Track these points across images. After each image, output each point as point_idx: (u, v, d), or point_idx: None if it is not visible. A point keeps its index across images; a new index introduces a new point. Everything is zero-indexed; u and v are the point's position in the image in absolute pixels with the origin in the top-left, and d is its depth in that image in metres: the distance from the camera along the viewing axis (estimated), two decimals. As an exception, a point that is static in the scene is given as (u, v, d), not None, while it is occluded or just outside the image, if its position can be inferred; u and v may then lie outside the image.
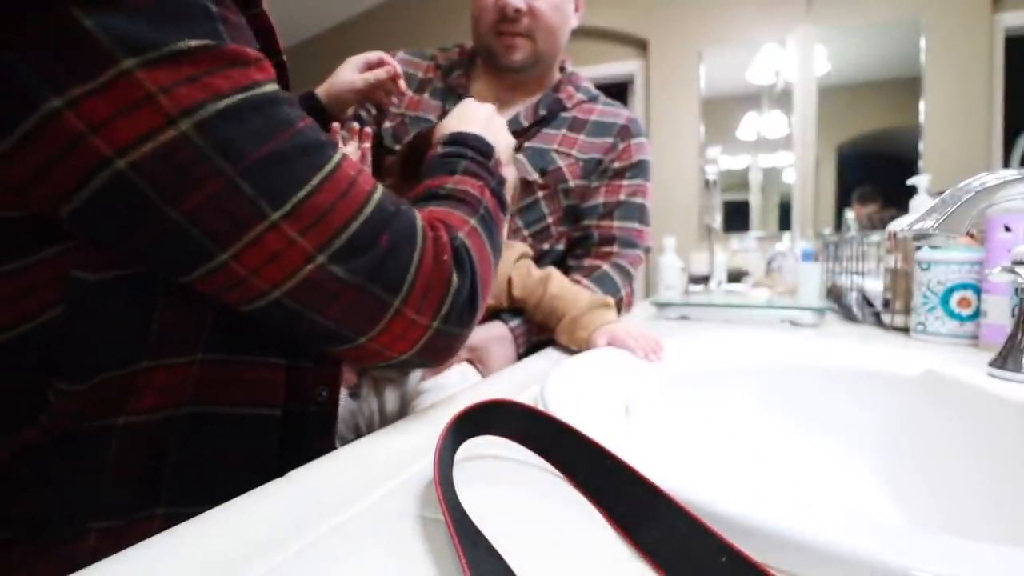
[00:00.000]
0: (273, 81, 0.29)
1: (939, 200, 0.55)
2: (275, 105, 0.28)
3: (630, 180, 0.86)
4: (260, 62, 0.28)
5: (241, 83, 0.26)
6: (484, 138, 0.49)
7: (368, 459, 0.28)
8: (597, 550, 0.20)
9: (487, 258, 0.38)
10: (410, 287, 0.31)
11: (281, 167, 0.27)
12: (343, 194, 0.29)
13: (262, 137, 0.27)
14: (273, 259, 0.27)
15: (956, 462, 0.43)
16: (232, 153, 0.26)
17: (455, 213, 0.38)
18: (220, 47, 0.26)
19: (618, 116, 0.88)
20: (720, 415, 0.54)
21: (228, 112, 0.26)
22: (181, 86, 0.24)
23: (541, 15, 0.79)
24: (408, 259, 0.31)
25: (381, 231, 0.30)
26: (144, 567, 0.18)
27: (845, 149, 2.61)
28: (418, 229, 0.33)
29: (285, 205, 0.27)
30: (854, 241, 0.89)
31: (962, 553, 0.17)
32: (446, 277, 0.33)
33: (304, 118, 0.30)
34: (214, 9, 0.27)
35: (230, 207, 0.26)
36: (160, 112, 0.24)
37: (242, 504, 0.22)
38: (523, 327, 0.68)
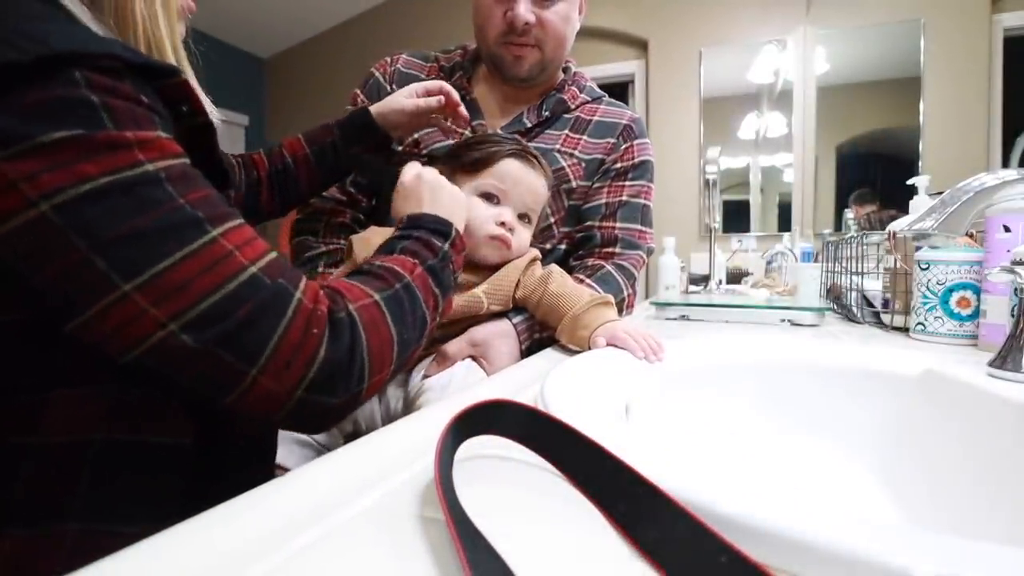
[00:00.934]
0: (165, 158, 0.31)
1: (938, 200, 0.55)
2: (150, 185, 0.30)
3: (632, 181, 0.86)
4: (146, 144, 0.31)
5: (113, 166, 0.29)
6: (439, 216, 0.51)
7: (368, 459, 0.28)
8: (597, 550, 0.20)
9: (383, 331, 0.38)
10: (269, 357, 0.32)
11: (140, 243, 0.29)
12: (207, 268, 0.31)
13: (124, 216, 0.29)
14: (126, 324, 0.30)
15: (955, 462, 0.43)
16: (89, 231, 0.28)
17: (359, 287, 0.39)
18: (92, 135, 0.29)
19: (621, 116, 0.88)
20: (720, 415, 0.54)
21: (90, 194, 0.28)
22: (45, 172, 0.27)
23: (550, 25, 0.79)
24: (270, 330, 0.32)
25: (243, 303, 0.32)
26: (144, 567, 0.18)
27: (845, 149, 2.61)
28: (293, 301, 0.34)
29: (138, 278, 0.29)
30: (854, 241, 0.89)
31: (962, 553, 0.17)
32: (314, 348, 0.34)
33: (190, 193, 0.32)
34: (95, 100, 0.29)
35: (85, 278, 0.29)
36: (22, 196, 0.27)
37: (242, 504, 0.22)
38: (526, 323, 0.67)
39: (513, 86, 0.85)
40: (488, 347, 0.64)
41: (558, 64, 0.85)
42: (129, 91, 0.31)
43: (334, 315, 0.35)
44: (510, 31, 0.78)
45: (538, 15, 0.78)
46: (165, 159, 0.31)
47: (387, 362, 0.39)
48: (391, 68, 0.86)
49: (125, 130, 0.30)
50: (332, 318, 0.35)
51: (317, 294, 0.36)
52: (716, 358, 0.58)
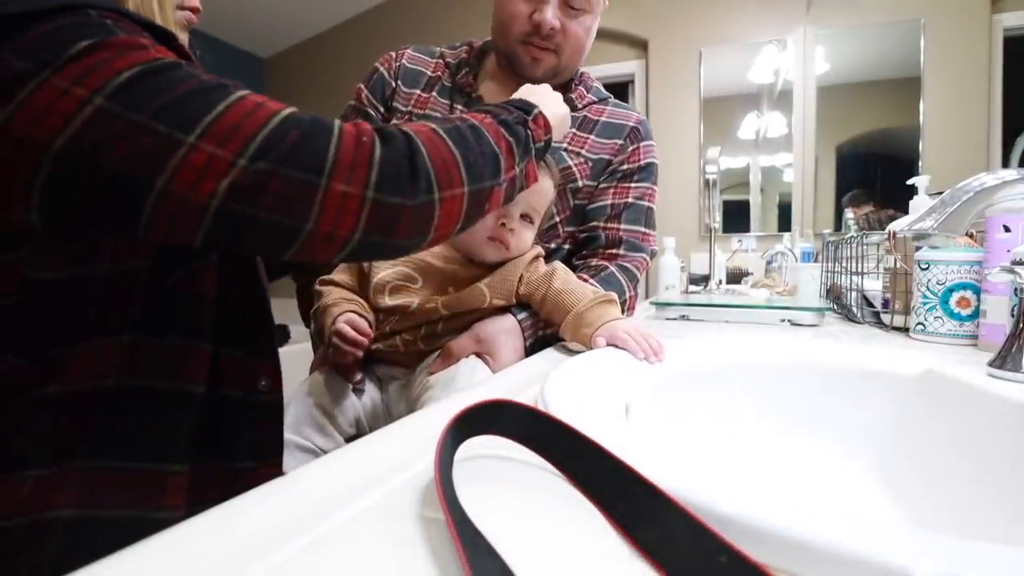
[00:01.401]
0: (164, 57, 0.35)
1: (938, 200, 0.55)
2: (174, 68, 0.34)
3: (638, 183, 0.86)
4: (159, 49, 0.35)
5: (139, 59, 0.33)
6: (527, 100, 0.54)
7: (368, 459, 0.28)
8: (597, 550, 0.20)
9: (443, 148, 0.40)
10: (333, 164, 0.35)
11: (186, 104, 0.33)
12: (249, 113, 0.34)
13: (164, 90, 0.33)
14: (202, 173, 0.32)
15: (955, 462, 0.43)
16: (140, 106, 0.32)
17: (419, 124, 0.42)
18: (112, 38, 0.33)
19: (628, 118, 0.88)
20: (720, 415, 0.54)
21: (130, 80, 0.32)
22: (87, 75, 0.31)
23: (572, 35, 0.79)
24: (325, 142, 0.35)
25: (291, 129, 0.34)
26: (143, 567, 0.18)
27: (845, 149, 2.61)
28: (335, 124, 0.37)
29: (197, 128, 0.32)
30: (854, 241, 0.89)
31: (961, 553, 0.17)
32: (368, 151, 0.36)
33: (207, 74, 0.36)
34: (108, 21, 0.34)
35: (152, 144, 0.31)
36: (76, 98, 0.31)
37: (242, 504, 0.22)
38: (530, 319, 0.68)
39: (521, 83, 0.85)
40: (493, 344, 0.64)
41: (570, 72, 0.86)
42: (132, 25, 0.35)
43: (382, 130, 0.38)
44: (534, 32, 0.78)
45: (563, 23, 0.78)
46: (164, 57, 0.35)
47: (456, 178, 0.41)
48: (396, 63, 0.86)
49: (132, 36, 0.34)
50: (380, 131, 0.38)
51: (357, 123, 0.38)
52: (716, 358, 0.58)
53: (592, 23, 0.82)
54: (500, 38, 0.82)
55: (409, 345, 0.64)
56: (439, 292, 0.65)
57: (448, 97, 0.85)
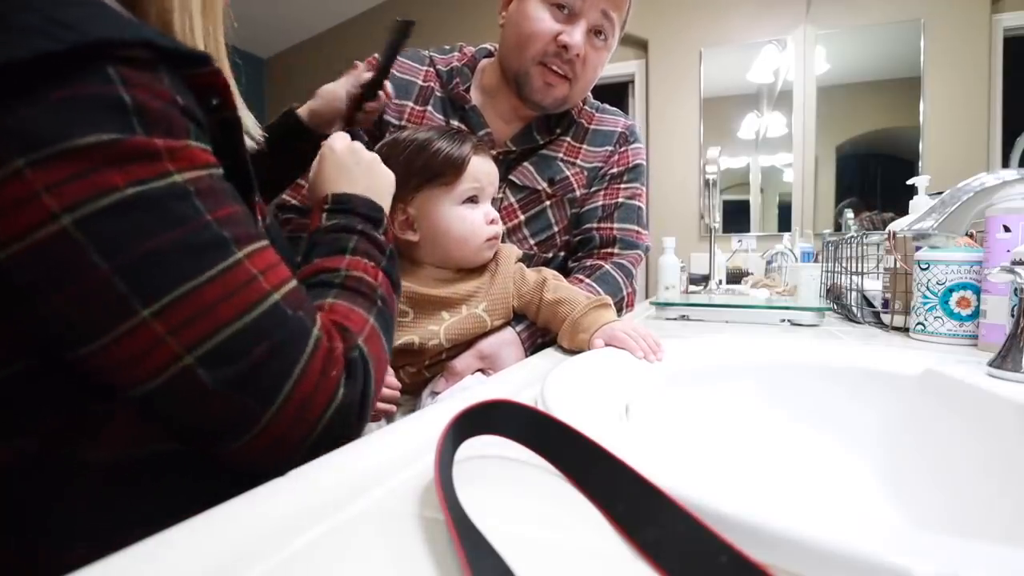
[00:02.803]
0: (195, 168, 0.30)
1: (938, 200, 0.55)
2: (178, 199, 0.28)
3: (627, 183, 0.87)
4: (176, 152, 0.29)
5: (140, 176, 0.27)
6: (373, 202, 0.47)
7: (368, 459, 0.28)
8: (597, 550, 0.20)
9: (383, 358, 0.38)
10: (285, 398, 0.30)
11: (162, 265, 0.27)
12: (230, 294, 0.29)
13: (149, 232, 0.27)
14: (143, 355, 0.27)
15: (955, 461, 0.43)
16: (111, 249, 0.26)
17: (355, 311, 0.37)
18: (120, 141, 0.27)
19: (616, 124, 0.89)
20: (720, 415, 0.54)
21: (115, 207, 0.26)
22: (70, 182, 0.26)
23: (590, 66, 0.78)
24: (288, 369, 0.30)
25: (262, 337, 0.30)
26: (143, 567, 0.18)
27: (845, 149, 2.61)
28: (311, 339, 0.32)
29: (157, 302, 0.27)
30: (854, 241, 0.89)
31: (962, 553, 0.17)
32: (331, 391, 0.32)
33: (218, 210, 0.30)
34: (127, 99, 0.27)
35: (103, 301, 0.27)
36: (44, 209, 0.25)
37: (242, 504, 0.22)
38: (528, 331, 0.68)
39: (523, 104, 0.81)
40: (496, 358, 0.65)
41: (572, 105, 0.84)
42: (164, 89, 0.29)
43: (349, 355, 0.34)
44: (556, 54, 0.75)
45: (586, 51, 0.76)
46: (195, 170, 0.30)
47: (381, 383, 0.38)
48: None
49: (155, 136, 0.28)
50: (348, 357, 0.34)
51: (331, 330, 0.34)
52: (716, 358, 0.58)
53: (606, 59, 0.81)
54: (515, 55, 0.77)
55: (414, 376, 0.64)
56: (434, 321, 0.63)
57: (443, 112, 0.82)
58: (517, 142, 0.82)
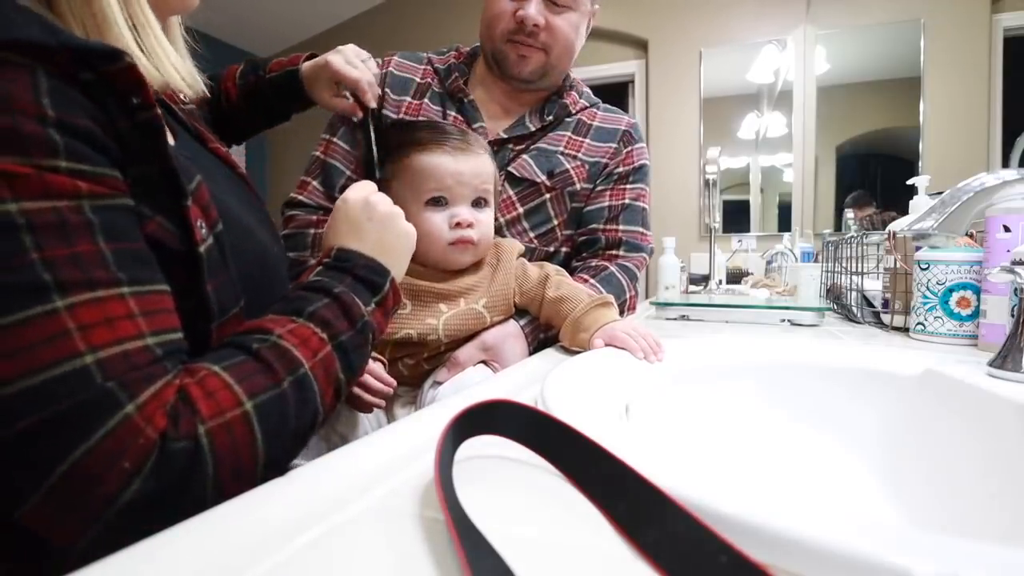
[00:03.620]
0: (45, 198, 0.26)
1: (938, 200, 0.55)
2: (5, 231, 0.25)
3: (633, 184, 0.87)
4: (18, 178, 0.25)
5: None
6: (378, 264, 0.42)
7: (368, 459, 0.28)
8: (597, 550, 0.20)
9: (244, 453, 0.30)
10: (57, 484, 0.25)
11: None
12: (15, 351, 0.24)
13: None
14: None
15: (955, 461, 0.43)
16: None
17: (233, 388, 0.30)
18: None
19: (619, 122, 0.89)
20: (720, 415, 0.54)
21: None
22: None
23: (559, 31, 0.80)
24: (68, 446, 0.25)
25: (46, 404, 0.24)
26: (144, 567, 0.18)
27: (845, 149, 2.61)
28: (116, 415, 0.26)
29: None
30: (854, 241, 0.90)
31: (962, 553, 0.17)
32: (119, 482, 0.25)
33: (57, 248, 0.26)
34: None
35: None
36: None
37: (242, 504, 0.22)
38: (531, 324, 0.69)
39: (512, 87, 0.84)
40: (499, 350, 0.65)
41: (560, 71, 0.85)
42: (27, 102, 0.25)
43: (167, 445, 0.27)
44: (518, 30, 0.78)
45: (548, 19, 0.78)
46: (45, 198, 0.26)
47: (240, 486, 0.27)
48: (383, 70, 0.85)
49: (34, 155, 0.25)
50: (164, 448, 0.27)
51: (156, 411, 0.27)
52: (716, 358, 0.58)
53: (579, 21, 0.82)
54: (487, 39, 0.83)
55: (412, 369, 0.64)
56: (431, 313, 0.63)
57: (440, 103, 0.84)
58: (509, 131, 0.83)
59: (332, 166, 0.81)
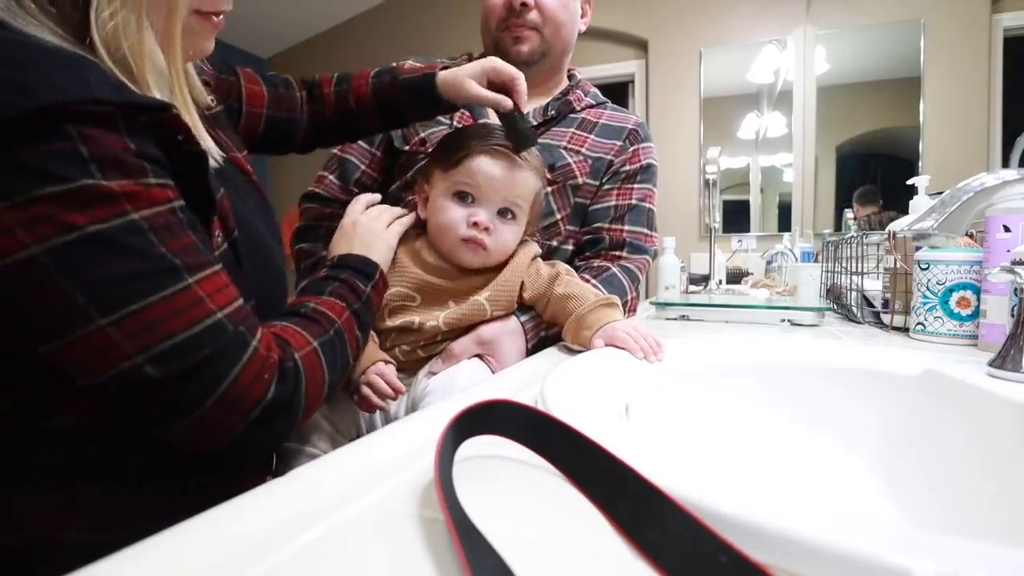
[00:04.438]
0: (153, 205, 0.34)
1: (938, 200, 0.55)
2: (134, 234, 0.33)
3: (640, 184, 0.87)
4: (133, 195, 0.33)
5: (99, 217, 0.32)
6: (366, 258, 0.57)
7: (368, 459, 0.28)
8: (597, 550, 0.20)
9: (319, 377, 0.44)
10: (222, 393, 0.36)
11: (118, 286, 0.33)
12: (178, 311, 0.34)
13: (107, 262, 0.32)
14: (97, 352, 0.33)
15: (955, 462, 0.43)
16: (73, 273, 0.32)
17: (301, 333, 0.44)
18: (81, 187, 0.32)
19: (626, 121, 0.89)
20: (720, 415, 0.54)
21: (77, 242, 0.32)
22: (39, 223, 0.31)
23: (547, 10, 0.83)
24: (226, 369, 0.36)
25: (205, 344, 0.35)
26: (144, 567, 0.18)
27: (845, 149, 2.61)
28: (249, 348, 0.38)
29: (112, 314, 0.33)
30: (854, 241, 0.90)
31: (962, 553, 0.17)
32: (262, 390, 0.38)
33: (173, 241, 0.35)
34: (85, 153, 0.32)
35: (65, 310, 0.32)
36: (17, 240, 0.31)
37: (242, 504, 0.22)
38: (532, 321, 0.69)
39: None
40: (496, 346, 0.65)
41: (559, 54, 0.87)
42: (117, 139, 0.33)
43: (284, 363, 0.40)
44: (509, 14, 0.82)
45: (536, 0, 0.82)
46: (153, 206, 0.34)
47: (318, 403, 0.44)
48: None
49: (113, 179, 0.33)
50: (282, 366, 0.40)
51: (271, 342, 0.40)
52: (716, 358, 0.58)
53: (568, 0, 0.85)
54: (486, 32, 0.86)
55: (408, 355, 0.64)
56: (439, 307, 0.64)
57: None
58: None
59: (348, 161, 0.85)
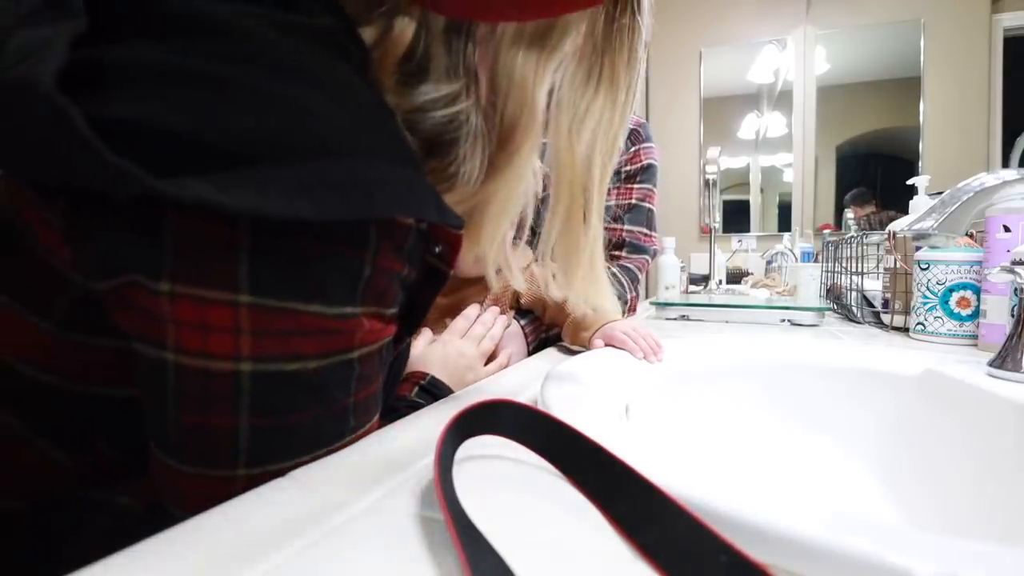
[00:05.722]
0: (374, 343, 0.29)
1: (938, 200, 0.55)
2: (342, 380, 0.28)
3: (640, 184, 0.87)
4: (369, 331, 0.28)
5: (328, 351, 0.27)
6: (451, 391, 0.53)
7: (368, 459, 0.28)
8: (597, 550, 0.20)
9: None
10: None
11: (286, 440, 0.27)
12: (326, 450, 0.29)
13: (298, 406, 0.27)
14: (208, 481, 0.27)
15: (955, 461, 0.43)
16: (259, 409, 0.26)
17: None
18: (336, 316, 0.26)
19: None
20: (720, 415, 0.54)
21: (290, 375, 0.26)
22: (271, 335, 0.25)
23: None
24: None
25: None
26: (144, 567, 0.18)
27: (845, 149, 2.61)
28: None
29: (256, 468, 0.27)
30: (854, 241, 0.89)
31: (961, 553, 0.17)
32: None
33: (362, 391, 0.30)
34: (367, 272, 0.27)
35: (216, 445, 0.26)
36: (232, 346, 0.24)
37: (242, 504, 0.22)
38: (532, 324, 0.69)
39: None
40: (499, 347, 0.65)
41: None
42: (402, 259, 0.29)
43: None
44: None
45: None
46: (372, 345, 0.29)
47: None
48: None
49: (366, 304, 0.28)
50: None
51: None
52: (716, 358, 0.58)
53: None
54: None
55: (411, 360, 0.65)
56: (437, 325, 0.65)
57: None
58: None
59: None
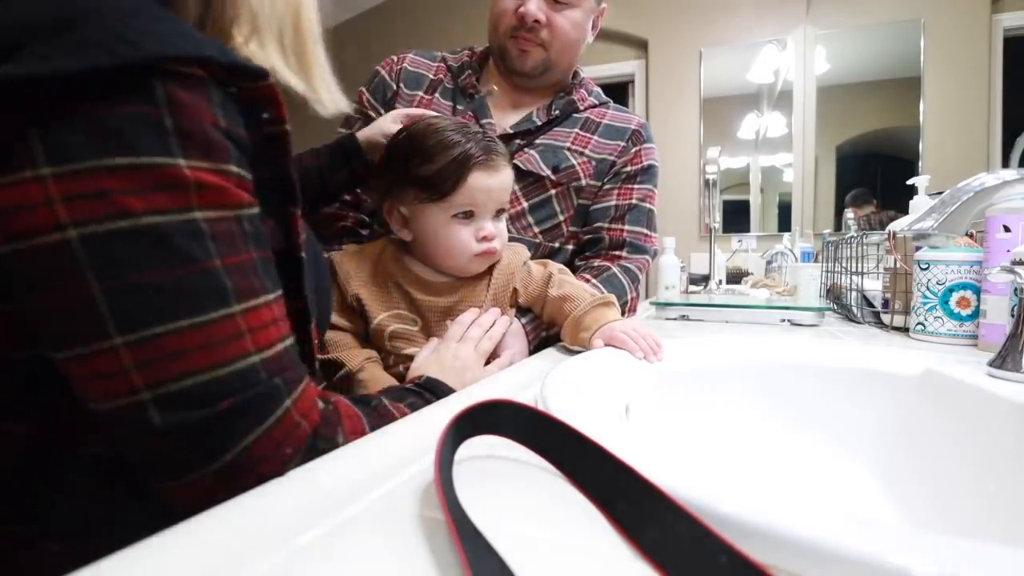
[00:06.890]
0: (222, 207, 0.29)
1: (938, 200, 0.55)
2: (191, 237, 0.28)
3: (640, 185, 0.87)
4: (205, 187, 0.28)
5: (160, 207, 0.27)
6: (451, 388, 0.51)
7: (368, 459, 0.28)
8: (597, 550, 0.20)
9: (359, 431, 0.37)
10: (232, 459, 0.29)
11: (151, 299, 0.27)
12: (207, 345, 0.28)
13: (148, 264, 0.27)
14: (103, 377, 0.27)
15: (955, 462, 0.43)
16: (105, 271, 0.26)
17: (363, 421, 0.37)
18: (152, 167, 0.26)
19: (629, 121, 0.89)
20: (720, 415, 0.54)
21: (124, 232, 0.26)
22: (88, 199, 0.25)
23: (559, 29, 0.82)
24: (242, 430, 0.29)
25: (227, 393, 0.28)
26: (144, 567, 0.18)
27: (845, 149, 2.61)
28: (280, 408, 0.30)
29: (132, 334, 0.26)
30: (854, 241, 0.90)
31: (961, 553, 0.17)
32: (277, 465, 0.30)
33: (231, 256, 0.29)
34: (168, 122, 0.27)
35: (82, 316, 0.26)
36: (54, 216, 0.25)
37: (242, 504, 0.22)
38: (532, 323, 0.70)
39: (518, 82, 0.86)
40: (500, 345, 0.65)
41: (564, 68, 0.87)
42: (207, 112, 0.28)
43: (317, 441, 0.32)
44: (519, 26, 0.81)
45: (549, 16, 0.80)
46: (221, 209, 0.29)
47: None
48: (397, 67, 0.87)
49: (192, 159, 0.27)
50: (314, 443, 0.32)
51: (311, 408, 0.33)
52: (716, 358, 0.58)
53: (581, 18, 0.84)
54: (492, 35, 0.85)
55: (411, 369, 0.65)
56: (439, 327, 0.65)
57: (451, 99, 0.86)
58: (516, 127, 0.85)
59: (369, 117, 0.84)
